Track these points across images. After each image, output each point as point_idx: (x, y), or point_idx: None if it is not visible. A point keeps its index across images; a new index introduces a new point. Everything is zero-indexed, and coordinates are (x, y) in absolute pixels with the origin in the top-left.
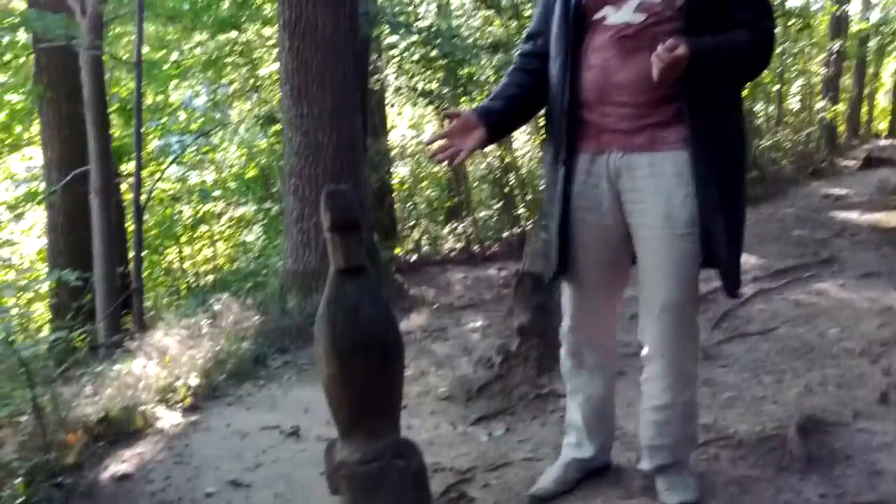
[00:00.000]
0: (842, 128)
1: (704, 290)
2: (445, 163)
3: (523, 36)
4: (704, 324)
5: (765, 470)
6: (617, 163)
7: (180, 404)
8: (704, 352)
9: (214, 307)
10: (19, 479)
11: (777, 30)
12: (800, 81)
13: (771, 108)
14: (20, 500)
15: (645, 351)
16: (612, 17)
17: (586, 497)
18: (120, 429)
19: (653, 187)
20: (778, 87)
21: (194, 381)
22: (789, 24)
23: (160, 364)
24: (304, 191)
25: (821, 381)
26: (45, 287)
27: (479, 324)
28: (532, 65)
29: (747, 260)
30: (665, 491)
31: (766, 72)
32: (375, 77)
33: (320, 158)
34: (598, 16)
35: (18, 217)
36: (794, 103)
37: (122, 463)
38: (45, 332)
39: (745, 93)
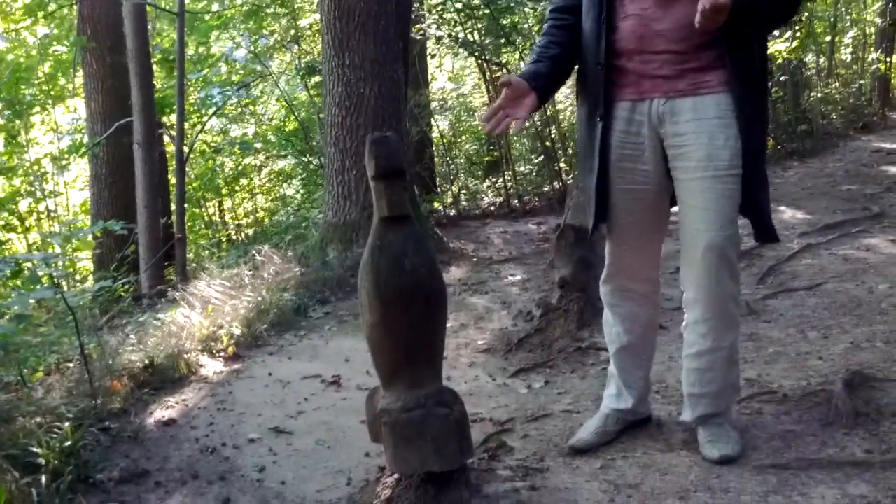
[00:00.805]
0: (895, 81)
1: (749, 245)
2: (500, 130)
3: None
4: (749, 279)
5: (809, 425)
6: (660, 108)
7: (223, 353)
8: (749, 307)
9: (256, 258)
10: (67, 424)
11: None
12: (853, 32)
13: (822, 59)
14: (68, 443)
15: (686, 295)
16: None
17: (626, 449)
18: (164, 376)
19: (695, 130)
20: (830, 37)
21: (236, 330)
22: None
23: (203, 314)
24: (345, 142)
25: (868, 336)
26: (89, 237)
27: (518, 277)
28: (567, 20)
29: (794, 214)
30: (707, 443)
31: (818, 21)
32: (417, 27)
33: (362, 109)
34: None
35: (63, 168)
36: (846, 54)
37: (166, 409)
38: (90, 282)
39: (796, 43)
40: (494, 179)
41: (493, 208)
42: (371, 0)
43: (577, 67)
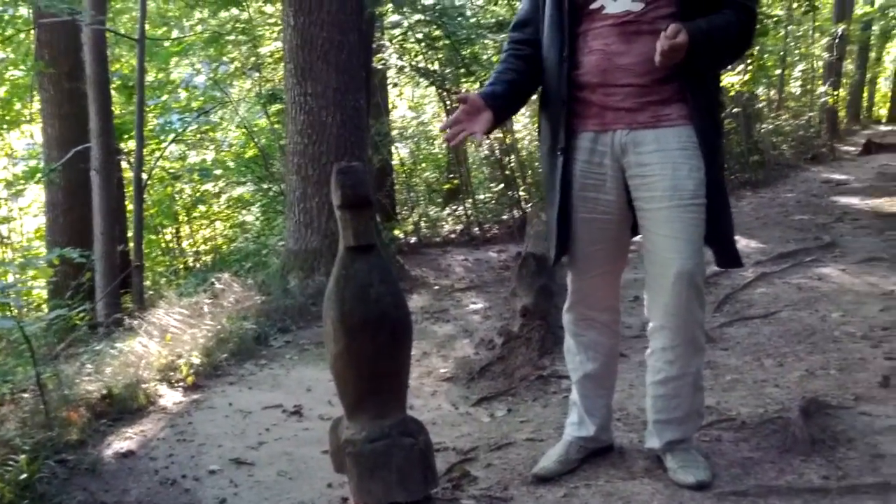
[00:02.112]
0: (843, 113)
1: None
2: (457, 141)
3: (512, 24)
4: (706, 307)
5: (767, 452)
6: (623, 140)
7: (182, 382)
8: (707, 335)
9: (215, 286)
10: (23, 456)
11: (781, 13)
12: (802, 65)
13: (772, 91)
14: (23, 476)
15: (652, 324)
16: (611, 6)
17: (588, 477)
18: (123, 406)
19: (659, 161)
20: (780, 70)
21: (196, 359)
22: (794, 6)
23: (161, 343)
24: (307, 170)
25: (823, 364)
26: (42, 264)
27: (479, 305)
28: (525, 51)
29: (748, 244)
30: (679, 469)
31: (768, 55)
32: (378, 56)
33: (324, 137)
34: (595, 6)
35: (17, 194)
36: (795, 87)
37: (125, 440)
38: (44, 310)
39: (748, 76)
40: (455, 207)
41: (453, 236)
42: (333, 30)
43: (538, 99)
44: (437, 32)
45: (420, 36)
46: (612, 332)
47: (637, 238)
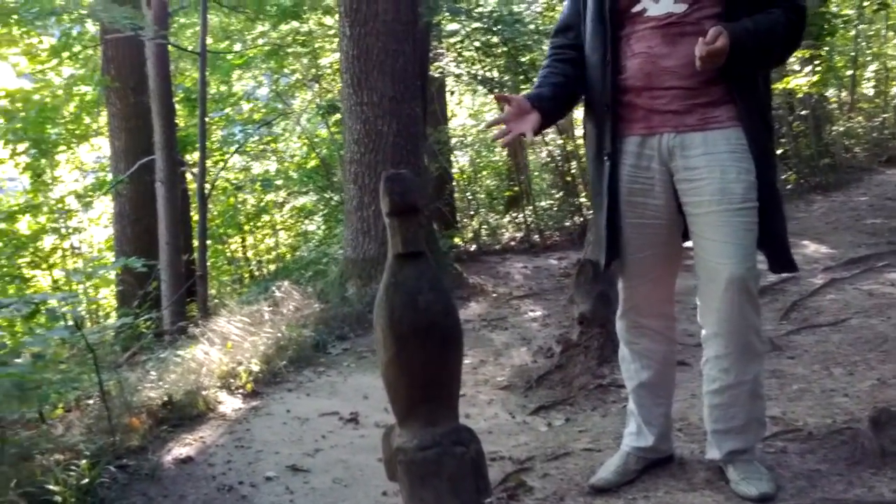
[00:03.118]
0: None
1: (772, 280)
2: (507, 141)
3: (554, 29)
4: (773, 314)
5: (835, 464)
6: (670, 143)
7: (242, 389)
8: (773, 343)
9: (276, 294)
10: (84, 462)
11: (851, 12)
12: (874, 66)
13: (843, 93)
14: (85, 480)
15: (705, 331)
16: (654, 9)
17: (647, 489)
18: (183, 413)
19: (707, 164)
20: (851, 71)
21: (255, 367)
22: (865, 4)
23: (223, 350)
24: (364, 179)
25: (895, 373)
26: (111, 275)
27: (538, 313)
28: (569, 55)
29: (818, 249)
30: (742, 481)
31: (838, 56)
32: (436, 65)
33: (380, 147)
34: (636, 9)
35: (87, 206)
36: (868, 89)
37: (184, 446)
38: (112, 318)
39: (816, 77)
40: (515, 214)
41: (513, 243)
42: (389, 39)
43: (584, 105)
44: (494, 40)
45: (478, 44)
46: (666, 340)
47: (688, 244)
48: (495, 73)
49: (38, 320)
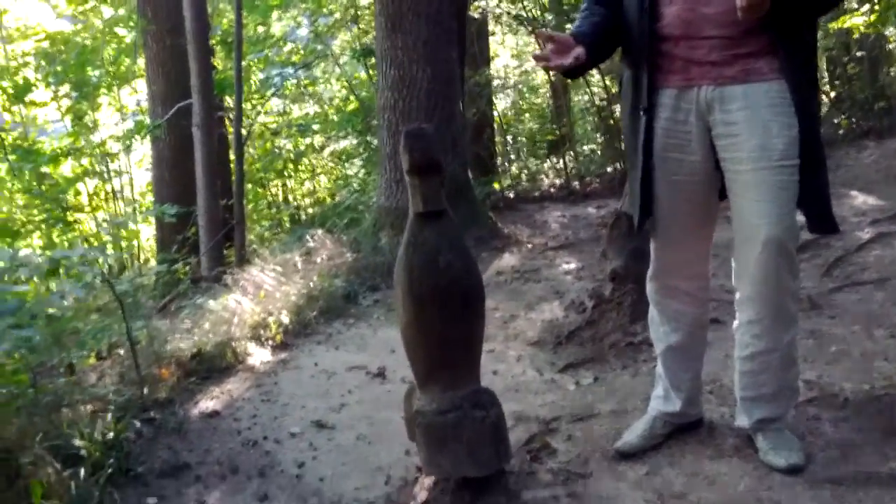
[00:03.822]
0: None
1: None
2: (552, 66)
3: None
4: (814, 270)
5: (870, 434)
6: (709, 96)
7: (271, 341)
8: (812, 301)
9: (309, 243)
10: (109, 415)
11: None
12: None
13: None
14: (111, 434)
15: (739, 294)
16: None
17: (673, 454)
18: (212, 365)
19: (746, 119)
20: None
21: (285, 318)
22: None
23: (255, 300)
24: (398, 125)
25: None
26: (152, 218)
27: (573, 265)
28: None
29: (865, 200)
30: (770, 451)
31: None
32: (476, 5)
33: (414, 92)
34: None
35: (127, 150)
36: None
37: (211, 399)
38: (153, 262)
39: (873, 16)
40: (555, 160)
41: (552, 190)
42: None
43: (620, 53)
44: None
45: None
46: (698, 302)
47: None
48: (537, 12)
49: (64, 275)
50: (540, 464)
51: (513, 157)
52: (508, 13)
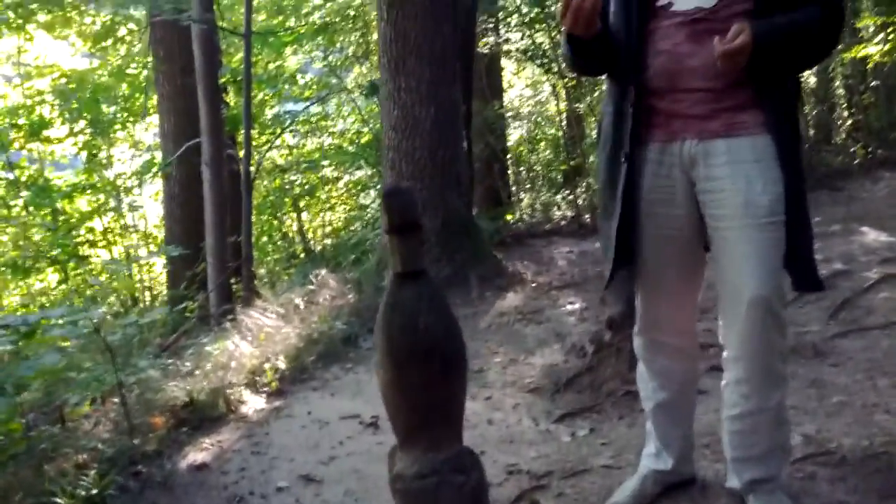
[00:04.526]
0: None
1: (824, 272)
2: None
3: None
4: (820, 314)
5: (867, 496)
6: (692, 150)
7: (266, 388)
8: (816, 348)
9: (313, 283)
10: (93, 472)
11: None
12: None
13: None
14: (94, 491)
15: (726, 353)
16: (680, 3)
17: None
18: (204, 414)
19: (731, 175)
20: None
21: (282, 364)
22: None
23: (255, 342)
24: (401, 165)
25: None
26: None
27: (576, 306)
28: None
29: (877, 237)
30: None
31: None
32: (484, 41)
33: (417, 133)
34: (662, 2)
35: (141, 184)
36: None
37: (201, 451)
38: (163, 296)
39: (888, 46)
40: (567, 192)
41: (563, 223)
42: (427, 21)
43: (605, 99)
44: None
45: (533, 14)
46: (686, 358)
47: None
48: (548, 47)
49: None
50: None
51: (528, 186)
52: (517, 49)
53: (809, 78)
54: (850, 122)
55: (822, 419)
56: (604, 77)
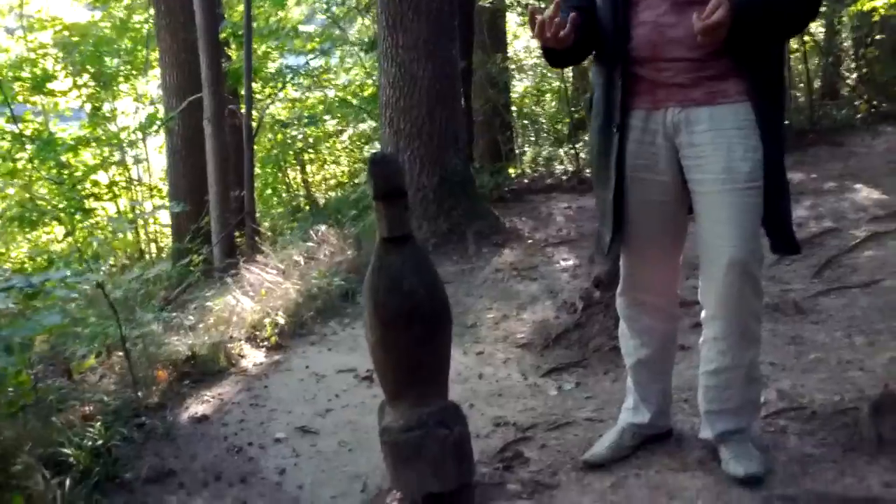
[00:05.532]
0: None
1: (812, 232)
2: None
3: None
4: (806, 271)
5: (832, 449)
6: (675, 118)
7: (266, 342)
8: (797, 306)
9: (313, 238)
10: (98, 424)
11: None
12: None
13: None
14: (100, 441)
15: (705, 312)
16: None
17: (640, 465)
18: (205, 367)
19: (712, 141)
20: None
21: (281, 318)
22: None
23: (256, 297)
24: (399, 123)
25: None
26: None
27: (570, 262)
28: (582, 3)
29: (868, 194)
30: (731, 460)
31: None
32: None
33: (415, 90)
34: None
35: (143, 139)
36: None
37: (202, 404)
38: (168, 249)
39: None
40: (570, 146)
41: (564, 178)
42: None
43: (592, 71)
44: None
45: None
46: (668, 317)
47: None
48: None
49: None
50: (511, 473)
51: (532, 139)
52: (519, 2)
53: (817, 30)
54: (855, 75)
55: (799, 375)
56: None
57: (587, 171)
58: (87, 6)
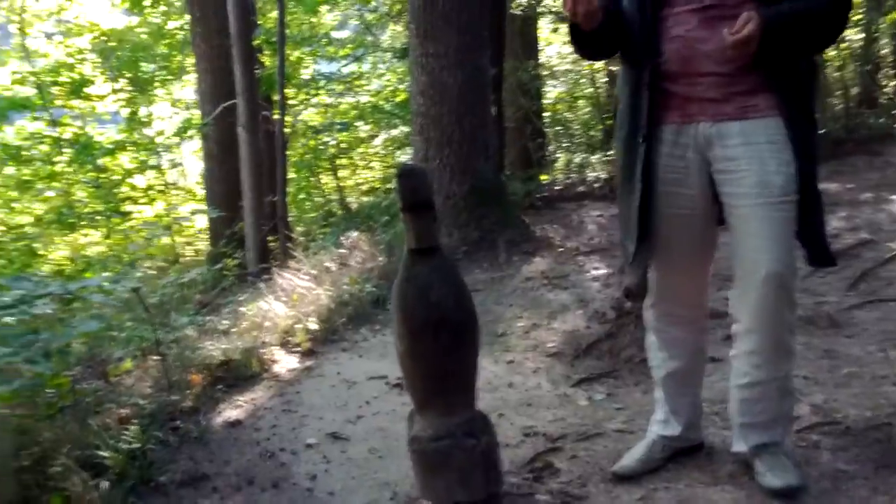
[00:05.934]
0: None
1: (847, 243)
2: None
3: None
4: (839, 284)
5: (864, 465)
6: (707, 132)
7: (298, 348)
8: (832, 319)
9: (344, 245)
10: (134, 427)
11: None
12: None
13: None
14: (136, 445)
15: (737, 326)
16: None
17: (670, 479)
18: (239, 372)
19: (745, 155)
20: None
21: (313, 325)
22: None
23: (288, 303)
24: (429, 131)
25: None
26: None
27: (602, 271)
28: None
29: None
30: (767, 472)
31: None
32: (517, 2)
33: (445, 99)
34: None
35: (179, 144)
36: None
37: (235, 408)
38: (203, 254)
39: None
40: (601, 154)
41: (596, 185)
42: None
43: (619, 81)
44: None
45: None
46: (697, 329)
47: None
48: None
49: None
50: (541, 483)
51: (565, 145)
52: (551, 11)
53: (854, 37)
54: (893, 83)
55: (832, 389)
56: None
57: None
58: (123, 12)
